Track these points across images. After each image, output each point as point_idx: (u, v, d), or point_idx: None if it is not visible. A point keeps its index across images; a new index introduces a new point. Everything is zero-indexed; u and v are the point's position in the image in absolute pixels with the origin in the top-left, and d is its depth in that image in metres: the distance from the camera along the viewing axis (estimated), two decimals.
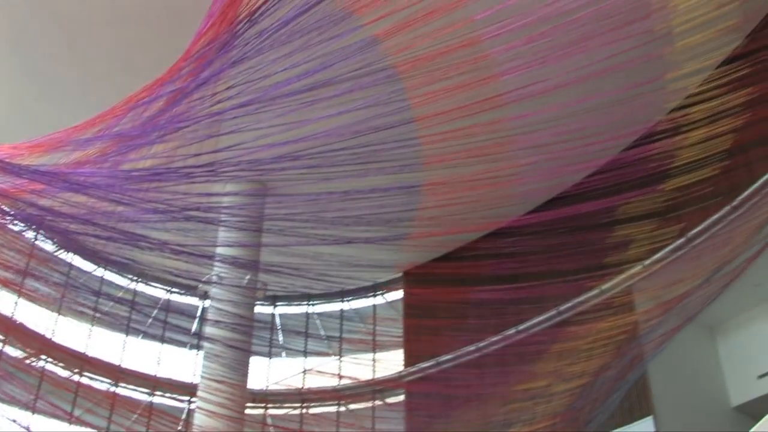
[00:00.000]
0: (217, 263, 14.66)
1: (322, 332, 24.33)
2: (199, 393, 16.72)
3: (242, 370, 17.01)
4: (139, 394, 21.58)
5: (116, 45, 15.44)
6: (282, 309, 24.75)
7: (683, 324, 12.87)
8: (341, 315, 24.32)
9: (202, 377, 16.71)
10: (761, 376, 16.56)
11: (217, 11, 9.29)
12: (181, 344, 22.87)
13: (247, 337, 17.34)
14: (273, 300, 24.17)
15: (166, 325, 21.74)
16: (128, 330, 21.36)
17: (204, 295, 20.23)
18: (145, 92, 9.45)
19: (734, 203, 13.45)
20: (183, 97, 8.87)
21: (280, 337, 24.80)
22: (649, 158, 9.57)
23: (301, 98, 8.16)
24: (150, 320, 21.53)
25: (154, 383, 21.71)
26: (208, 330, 16.85)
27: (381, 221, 9.41)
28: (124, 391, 21.22)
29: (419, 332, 20.27)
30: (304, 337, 23.83)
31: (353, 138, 8.14)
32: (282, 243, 9.65)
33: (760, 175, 12.89)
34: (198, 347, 20.80)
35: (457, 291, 16.80)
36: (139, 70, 15.41)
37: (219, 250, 14.82)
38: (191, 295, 23.10)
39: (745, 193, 13.34)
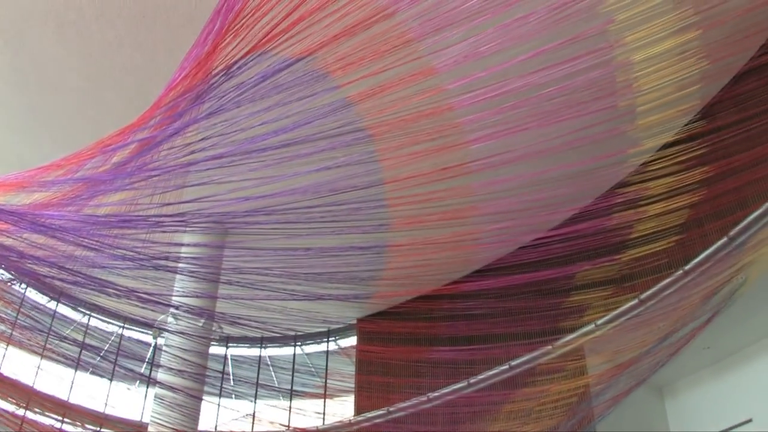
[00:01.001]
0: (181, 312, 14.56)
1: (273, 375, 24.18)
2: None
3: (193, 412, 16.83)
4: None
5: (86, 79, 15.41)
6: (234, 350, 24.59)
7: (633, 387, 13.12)
8: (293, 359, 24.20)
9: (152, 419, 16.50)
10: None
11: (192, 63, 9.38)
12: (130, 381, 22.56)
13: (200, 380, 17.19)
14: (226, 341, 24.03)
15: (117, 361, 21.47)
16: (78, 365, 21.01)
17: (158, 333, 20.04)
18: (115, 138, 9.46)
19: (687, 267, 13.77)
20: (154, 145, 8.92)
21: (231, 379, 24.57)
22: (607, 229, 9.86)
23: (274, 154, 8.28)
24: (99, 357, 21.27)
25: (101, 420, 21.31)
26: (161, 370, 16.65)
27: (349, 279, 9.54)
28: (70, 427, 20.77)
29: (371, 386, 20.22)
30: (255, 382, 23.65)
31: (326, 196, 8.29)
32: (251, 296, 9.71)
33: None
34: (148, 384, 20.55)
35: (411, 350, 16.87)
36: (108, 105, 15.53)
37: (183, 298, 14.70)
38: (144, 332, 22.87)
39: (698, 258, 13.70)
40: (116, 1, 13.69)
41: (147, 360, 22.09)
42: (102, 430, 21.02)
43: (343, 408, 22.07)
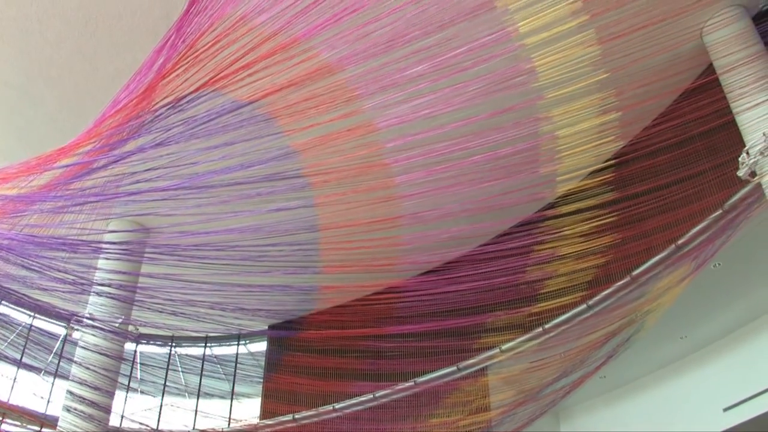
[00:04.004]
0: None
1: (181, 376, 24.19)
2: (59, 426, 16.41)
3: (105, 406, 16.83)
4: None
5: (23, 75, 15.20)
6: (144, 347, 24.40)
7: (527, 423, 13.91)
8: (203, 359, 24.20)
9: (62, 416, 16.46)
10: None
11: (137, 90, 9.41)
12: (36, 371, 22.19)
13: (113, 374, 17.15)
14: (137, 338, 23.82)
15: (25, 351, 21.15)
16: None
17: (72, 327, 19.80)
18: (53, 156, 9.38)
19: (590, 302, 14.56)
20: (94, 170, 8.98)
21: (139, 375, 24.40)
22: (521, 283, 10.56)
23: (220, 192, 8.56)
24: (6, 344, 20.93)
25: (4, 410, 20.95)
26: (74, 367, 16.57)
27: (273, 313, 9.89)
28: None
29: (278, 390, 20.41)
30: (164, 379, 23.60)
31: (265, 238, 8.63)
32: (193, 327, 9.90)
33: None
34: (56, 376, 20.35)
35: (321, 383, 17.19)
36: (43, 104, 15.39)
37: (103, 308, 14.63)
38: (56, 323, 22.54)
39: (600, 295, 14.48)
40: (60, 5, 13.62)
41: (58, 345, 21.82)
42: (5, 421, 20.70)
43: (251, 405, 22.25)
